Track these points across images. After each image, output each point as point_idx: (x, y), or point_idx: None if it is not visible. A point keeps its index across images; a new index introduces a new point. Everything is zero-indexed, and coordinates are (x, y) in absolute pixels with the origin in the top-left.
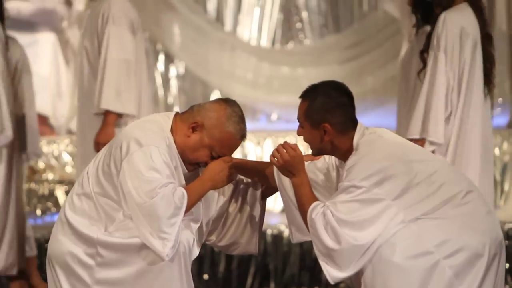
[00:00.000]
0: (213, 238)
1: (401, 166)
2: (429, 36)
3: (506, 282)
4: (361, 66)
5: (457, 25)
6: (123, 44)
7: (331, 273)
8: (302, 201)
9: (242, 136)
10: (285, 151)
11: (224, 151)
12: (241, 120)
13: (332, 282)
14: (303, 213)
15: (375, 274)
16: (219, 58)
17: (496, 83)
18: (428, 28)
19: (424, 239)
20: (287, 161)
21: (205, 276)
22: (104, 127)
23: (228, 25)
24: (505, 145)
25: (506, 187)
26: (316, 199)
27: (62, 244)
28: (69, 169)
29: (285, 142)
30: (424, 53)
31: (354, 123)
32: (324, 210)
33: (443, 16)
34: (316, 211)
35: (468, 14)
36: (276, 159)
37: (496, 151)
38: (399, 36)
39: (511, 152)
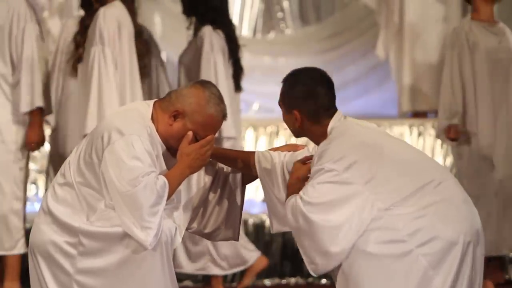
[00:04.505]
0: (194, 225)
1: (372, 153)
2: (84, 31)
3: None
4: (342, 55)
5: (115, 20)
6: (39, 41)
7: (317, 262)
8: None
9: (224, 116)
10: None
11: (208, 134)
12: (220, 100)
13: (314, 275)
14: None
15: (351, 266)
16: None
17: None
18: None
19: (397, 228)
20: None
21: None
22: (35, 127)
23: None
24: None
25: None
26: None
27: (44, 233)
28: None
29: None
30: (79, 47)
31: (329, 111)
32: (296, 198)
33: (102, 11)
34: (289, 201)
35: (122, 9)
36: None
37: None
38: (379, 26)
39: None
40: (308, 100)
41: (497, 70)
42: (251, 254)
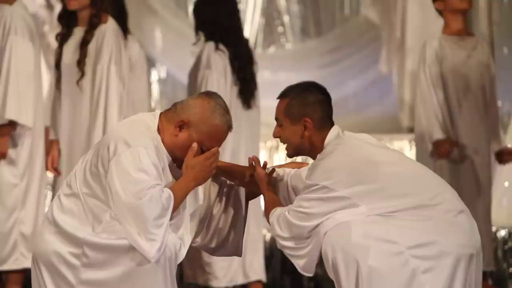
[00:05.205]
0: (198, 240)
1: (366, 167)
2: (84, 47)
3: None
4: (343, 70)
5: (120, 37)
6: (25, 55)
7: (299, 264)
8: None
9: (229, 127)
10: None
11: (213, 144)
12: (226, 111)
13: (307, 274)
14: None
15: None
16: None
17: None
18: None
19: (388, 229)
20: None
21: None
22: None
23: None
24: None
25: None
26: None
27: (48, 243)
28: (50, 173)
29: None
30: (81, 62)
31: (331, 122)
32: (283, 211)
33: (109, 28)
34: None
35: (118, 27)
36: None
37: None
38: (380, 40)
39: None
40: (316, 106)
41: (464, 85)
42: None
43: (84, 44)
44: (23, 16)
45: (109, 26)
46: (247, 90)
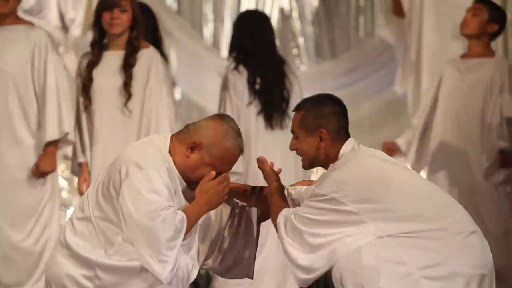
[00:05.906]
0: (209, 262)
1: (376, 185)
2: (128, 70)
3: None
4: (357, 92)
5: (162, 62)
6: (63, 72)
7: (298, 275)
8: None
9: (241, 150)
10: None
11: (224, 167)
12: (238, 134)
13: (301, 285)
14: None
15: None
16: (216, 84)
17: None
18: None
19: (398, 251)
20: None
21: None
22: (50, 156)
23: (224, 50)
24: None
25: None
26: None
27: (60, 266)
28: (64, 194)
29: None
30: (127, 85)
31: (347, 134)
32: (289, 213)
33: (154, 52)
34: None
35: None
36: None
37: None
38: (395, 62)
39: None
40: (331, 118)
41: (457, 109)
42: None
43: (128, 67)
44: (50, 34)
45: (154, 50)
46: (273, 111)
